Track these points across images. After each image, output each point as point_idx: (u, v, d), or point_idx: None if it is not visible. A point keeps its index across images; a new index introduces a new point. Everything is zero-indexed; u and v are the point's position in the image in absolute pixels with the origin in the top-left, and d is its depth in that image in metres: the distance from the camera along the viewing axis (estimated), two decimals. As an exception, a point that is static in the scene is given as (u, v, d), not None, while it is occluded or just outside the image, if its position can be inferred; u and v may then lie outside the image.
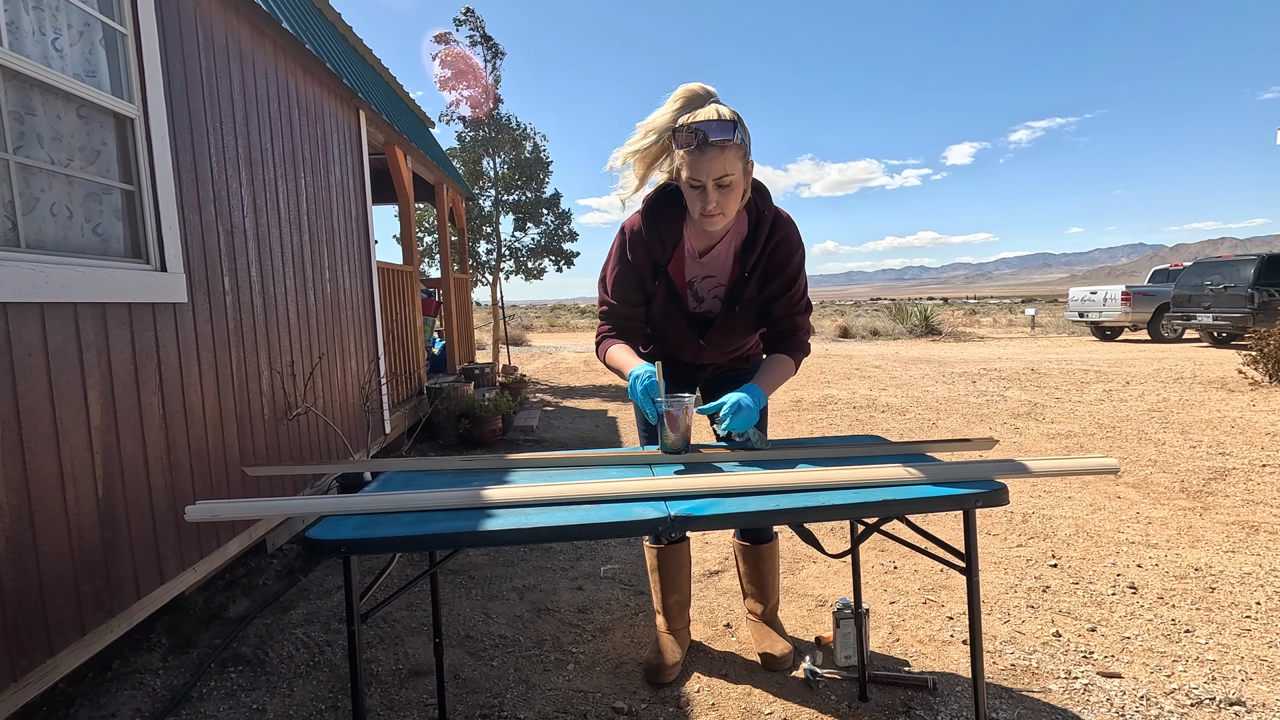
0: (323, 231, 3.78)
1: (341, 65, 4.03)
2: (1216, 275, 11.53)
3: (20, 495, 1.72)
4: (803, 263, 1.76)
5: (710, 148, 1.50)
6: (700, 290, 1.80)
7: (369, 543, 1.17)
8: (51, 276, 1.83)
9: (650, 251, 1.73)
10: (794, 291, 1.75)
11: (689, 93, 1.57)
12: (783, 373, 1.75)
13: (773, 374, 1.73)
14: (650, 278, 1.76)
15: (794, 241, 1.73)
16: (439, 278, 7.83)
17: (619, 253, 1.77)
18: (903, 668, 2.03)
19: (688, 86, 1.57)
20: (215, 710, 1.94)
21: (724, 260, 1.75)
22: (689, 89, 1.57)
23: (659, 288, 1.77)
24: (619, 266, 1.78)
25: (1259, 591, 2.44)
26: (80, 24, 2.10)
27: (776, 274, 1.73)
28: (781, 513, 1.27)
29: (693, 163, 1.52)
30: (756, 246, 1.70)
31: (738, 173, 1.54)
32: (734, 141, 1.51)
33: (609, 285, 1.81)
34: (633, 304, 1.80)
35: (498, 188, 10.48)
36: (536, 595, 2.63)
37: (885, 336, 17.57)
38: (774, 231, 1.70)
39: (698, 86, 1.57)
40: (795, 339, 1.79)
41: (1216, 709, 1.79)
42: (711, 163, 1.51)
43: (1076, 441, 4.83)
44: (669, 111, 1.57)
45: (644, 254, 1.74)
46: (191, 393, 2.45)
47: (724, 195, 1.55)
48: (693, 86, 1.57)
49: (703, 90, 1.57)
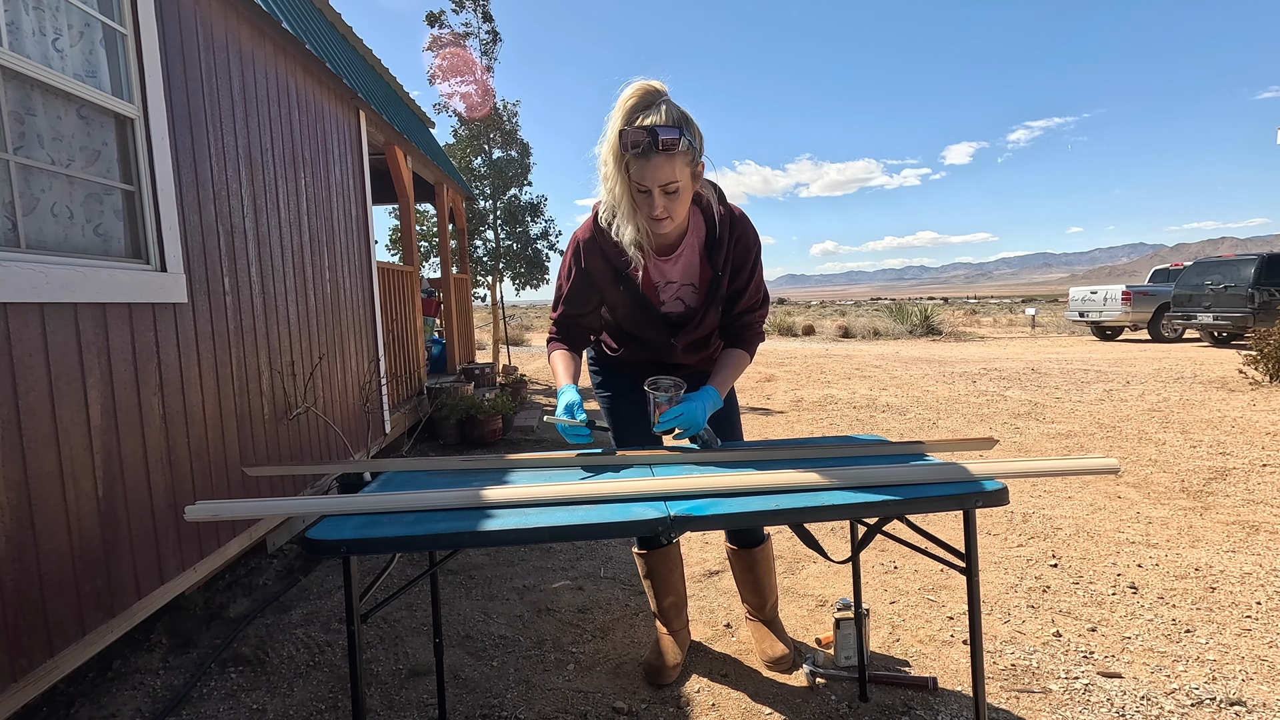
0: (323, 231, 3.78)
1: (341, 65, 4.03)
2: (1217, 275, 11.52)
3: (21, 495, 1.72)
4: (760, 257, 1.77)
5: (656, 154, 1.45)
6: (668, 293, 1.78)
7: (369, 543, 1.17)
8: (52, 277, 1.83)
9: (608, 258, 1.70)
10: (753, 286, 1.78)
11: (639, 92, 1.49)
12: (739, 367, 1.80)
13: (730, 371, 1.77)
14: (612, 284, 1.73)
15: (752, 237, 1.73)
16: (439, 277, 7.83)
17: (572, 261, 1.75)
18: (903, 668, 2.03)
19: (638, 86, 1.49)
20: (215, 710, 1.94)
21: (690, 261, 1.74)
22: (639, 88, 1.49)
23: (622, 294, 1.74)
24: (573, 275, 1.76)
25: (1259, 591, 2.44)
26: (80, 24, 2.10)
27: (739, 271, 1.74)
28: (781, 513, 1.27)
29: (638, 169, 1.48)
30: (723, 246, 1.69)
31: (685, 178, 1.52)
32: (680, 148, 1.46)
33: (563, 293, 1.80)
34: (584, 313, 1.80)
35: (487, 184, 10.46)
36: (536, 595, 2.63)
37: (886, 336, 17.57)
38: (733, 229, 1.71)
39: (648, 85, 1.49)
40: (752, 331, 1.83)
41: (1217, 709, 1.79)
42: (658, 169, 1.47)
43: (1077, 441, 4.83)
44: (620, 114, 1.49)
45: (601, 261, 1.72)
46: (191, 393, 2.45)
47: (671, 200, 1.53)
48: (642, 85, 1.49)
49: (652, 89, 1.50)
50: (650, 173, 1.48)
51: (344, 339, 4.03)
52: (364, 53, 5.25)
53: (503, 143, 10.35)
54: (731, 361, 1.79)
